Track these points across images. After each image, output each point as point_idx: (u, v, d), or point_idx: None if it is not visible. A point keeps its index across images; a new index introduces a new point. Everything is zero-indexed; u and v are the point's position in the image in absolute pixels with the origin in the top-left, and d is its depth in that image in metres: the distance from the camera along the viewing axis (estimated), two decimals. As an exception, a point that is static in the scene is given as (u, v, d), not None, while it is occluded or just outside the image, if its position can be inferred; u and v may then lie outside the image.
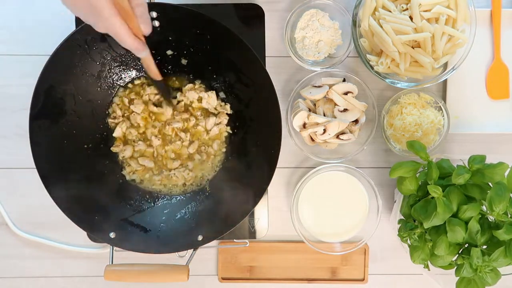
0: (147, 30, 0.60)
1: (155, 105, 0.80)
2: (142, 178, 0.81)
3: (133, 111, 0.79)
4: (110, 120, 0.80)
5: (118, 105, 0.80)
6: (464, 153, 0.84)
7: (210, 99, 0.80)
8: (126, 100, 0.80)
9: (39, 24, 0.83)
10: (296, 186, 0.81)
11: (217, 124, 0.81)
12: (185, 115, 0.80)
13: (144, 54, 0.62)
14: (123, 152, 0.80)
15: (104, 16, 0.54)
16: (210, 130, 0.81)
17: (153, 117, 0.80)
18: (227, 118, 0.81)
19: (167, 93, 0.79)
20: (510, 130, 0.83)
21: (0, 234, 0.86)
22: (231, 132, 0.82)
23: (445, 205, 0.67)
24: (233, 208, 0.77)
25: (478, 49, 0.81)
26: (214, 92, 0.80)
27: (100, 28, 0.56)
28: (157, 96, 0.80)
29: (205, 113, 0.81)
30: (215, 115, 0.81)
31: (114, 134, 0.80)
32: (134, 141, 0.81)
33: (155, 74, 0.71)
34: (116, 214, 0.77)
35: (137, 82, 0.80)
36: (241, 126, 0.81)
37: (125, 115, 0.80)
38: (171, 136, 0.80)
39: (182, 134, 0.80)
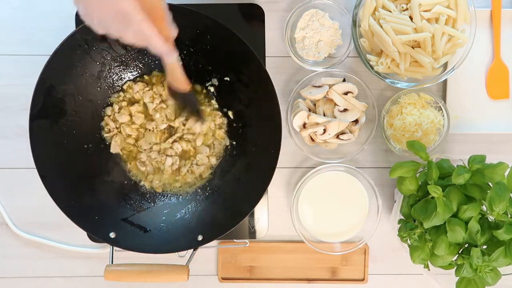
0: (175, 31, 0.58)
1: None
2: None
3: (121, 123, 0.79)
4: (105, 135, 0.80)
5: (109, 116, 0.80)
6: (464, 153, 0.84)
7: (211, 99, 0.80)
8: (117, 114, 0.80)
9: (39, 24, 0.83)
10: (296, 186, 0.81)
11: (217, 125, 0.81)
12: (181, 118, 0.80)
13: (174, 58, 0.59)
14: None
15: (134, 22, 0.51)
16: (211, 130, 0.81)
17: (143, 129, 0.81)
18: (231, 117, 0.81)
19: (195, 105, 0.72)
20: (510, 130, 0.83)
21: (0, 234, 0.86)
22: (230, 132, 0.82)
23: (445, 205, 0.67)
24: (233, 208, 0.77)
25: (478, 49, 0.81)
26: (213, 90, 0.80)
27: (128, 37, 0.54)
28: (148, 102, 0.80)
29: (205, 113, 0.81)
30: (215, 116, 0.81)
31: (112, 151, 0.80)
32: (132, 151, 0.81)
33: (183, 82, 0.64)
34: (116, 214, 0.77)
35: (121, 97, 0.80)
36: (241, 126, 0.81)
37: (117, 127, 0.80)
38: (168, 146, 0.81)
39: (176, 145, 0.80)
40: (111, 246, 0.75)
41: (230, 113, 0.81)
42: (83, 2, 0.52)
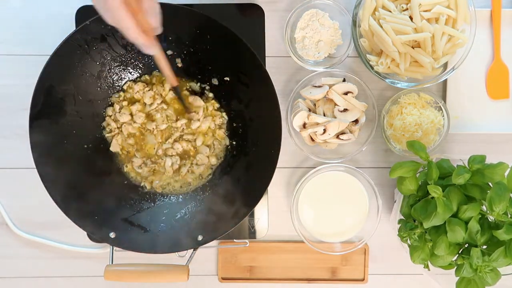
0: (158, 27, 0.59)
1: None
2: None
3: (123, 123, 0.79)
4: (106, 135, 0.80)
5: (110, 116, 0.80)
6: (464, 153, 0.84)
7: (209, 99, 0.80)
8: (117, 113, 0.80)
9: (39, 24, 0.83)
10: (296, 186, 0.81)
11: (217, 125, 0.81)
12: (183, 120, 0.80)
13: (153, 52, 0.60)
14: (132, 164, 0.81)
15: (110, 6, 0.53)
16: (211, 130, 0.81)
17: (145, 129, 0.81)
18: (227, 118, 0.81)
19: (181, 100, 0.78)
20: (510, 130, 0.83)
21: (0, 234, 0.86)
22: (230, 132, 0.82)
23: (445, 205, 0.67)
24: (233, 208, 0.77)
25: (478, 49, 0.81)
26: (211, 92, 0.80)
27: (108, 19, 0.55)
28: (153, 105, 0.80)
29: (205, 114, 0.81)
30: (215, 116, 0.81)
31: (111, 149, 0.80)
32: (130, 153, 0.81)
33: (169, 77, 0.68)
34: (116, 214, 0.77)
35: (121, 97, 0.80)
36: (241, 126, 0.81)
37: (119, 127, 0.80)
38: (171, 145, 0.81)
39: (176, 145, 0.80)
40: (111, 246, 0.75)
41: (224, 114, 0.81)
42: None
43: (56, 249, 0.86)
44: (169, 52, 0.78)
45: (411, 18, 0.74)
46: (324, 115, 0.80)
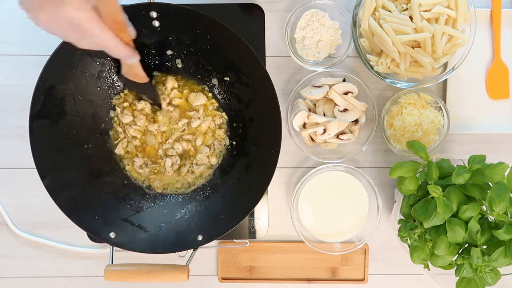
0: (134, 32, 0.60)
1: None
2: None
3: (126, 124, 0.79)
4: (114, 142, 0.80)
5: (115, 122, 0.80)
6: (464, 153, 0.84)
7: (209, 99, 0.80)
8: (120, 115, 0.80)
9: (39, 24, 0.83)
10: (296, 186, 0.81)
11: (217, 124, 0.81)
12: (184, 120, 0.80)
13: (136, 59, 0.61)
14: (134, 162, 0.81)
15: (94, 34, 0.53)
16: (211, 130, 0.81)
17: (147, 128, 0.81)
18: (227, 118, 0.81)
19: (156, 96, 0.78)
20: (510, 130, 0.83)
21: (0, 234, 0.86)
22: (230, 132, 0.82)
23: (445, 205, 0.67)
24: (233, 208, 0.77)
25: (478, 49, 0.81)
26: (210, 91, 0.80)
27: (84, 45, 0.54)
28: (148, 106, 0.80)
29: (205, 114, 0.81)
30: (215, 115, 0.81)
31: (116, 151, 0.80)
32: (131, 153, 0.81)
33: (142, 77, 0.68)
34: (116, 214, 0.77)
35: (121, 98, 0.80)
36: (241, 126, 0.81)
37: (124, 130, 0.80)
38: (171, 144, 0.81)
39: (177, 145, 0.80)
40: (111, 246, 0.75)
41: (224, 114, 0.81)
42: (30, 12, 0.51)
43: (56, 249, 0.86)
44: (169, 52, 0.78)
45: (411, 18, 0.74)
46: (324, 115, 0.80)
